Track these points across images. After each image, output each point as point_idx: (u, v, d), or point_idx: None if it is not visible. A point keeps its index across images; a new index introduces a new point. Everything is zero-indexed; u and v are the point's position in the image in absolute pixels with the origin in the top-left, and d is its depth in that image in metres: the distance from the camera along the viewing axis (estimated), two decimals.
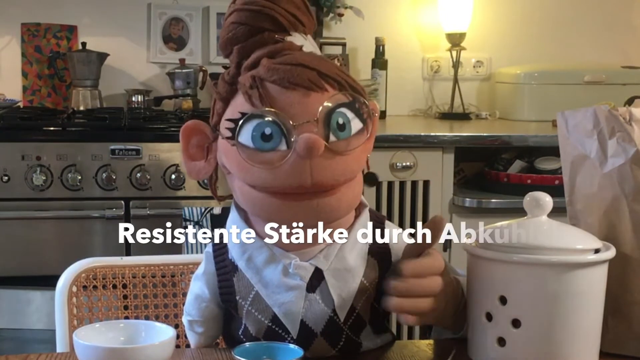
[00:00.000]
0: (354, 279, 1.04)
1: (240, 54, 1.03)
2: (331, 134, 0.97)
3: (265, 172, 0.97)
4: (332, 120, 0.97)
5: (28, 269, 2.53)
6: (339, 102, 0.98)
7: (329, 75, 0.99)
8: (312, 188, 0.96)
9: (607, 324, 1.03)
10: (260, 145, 0.96)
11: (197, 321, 1.13)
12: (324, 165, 0.96)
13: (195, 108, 3.05)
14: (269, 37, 1.02)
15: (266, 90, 0.97)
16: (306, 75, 0.97)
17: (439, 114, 3.28)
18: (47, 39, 3.13)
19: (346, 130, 0.98)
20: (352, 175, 1.00)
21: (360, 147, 1.00)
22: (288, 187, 0.97)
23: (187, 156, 1.07)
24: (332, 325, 1.04)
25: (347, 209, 1.03)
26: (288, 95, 0.97)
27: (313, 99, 0.97)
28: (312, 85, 0.97)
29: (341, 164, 0.98)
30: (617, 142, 1.05)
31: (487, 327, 0.99)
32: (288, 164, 0.95)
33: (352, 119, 0.99)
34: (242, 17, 1.02)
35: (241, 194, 1.02)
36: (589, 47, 3.44)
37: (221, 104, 1.03)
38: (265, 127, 0.96)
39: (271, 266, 1.03)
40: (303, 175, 0.95)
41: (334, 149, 0.97)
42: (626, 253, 1.04)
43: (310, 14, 1.07)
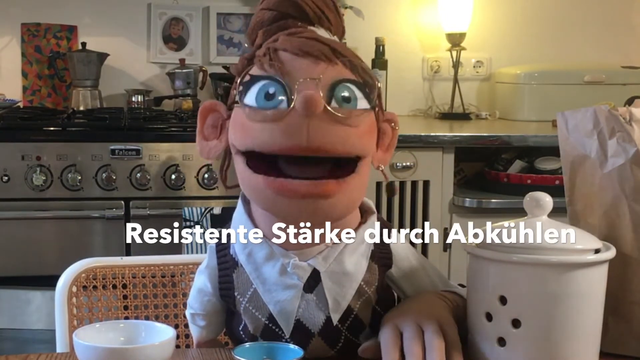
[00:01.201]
0: (351, 283, 1.04)
1: (264, 36, 1.04)
2: (334, 101, 0.96)
3: (264, 131, 0.96)
4: (337, 89, 0.97)
5: (28, 269, 2.53)
6: (348, 78, 0.98)
7: (342, 53, 0.99)
8: (308, 150, 0.95)
9: (607, 324, 1.03)
10: (263, 104, 0.96)
11: (199, 314, 1.13)
12: (322, 129, 0.94)
13: (195, 108, 3.04)
14: (292, 23, 1.03)
15: (277, 56, 0.98)
16: (318, 47, 0.98)
17: (439, 114, 3.28)
18: (47, 39, 3.13)
19: (351, 104, 0.97)
20: (351, 148, 0.98)
21: (365, 125, 0.99)
22: (284, 147, 0.95)
23: (202, 136, 1.07)
24: (329, 326, 1.04)
25: (341, 214, 1.01)
26: (297, 61, 0.97)
27: (321, 67, 0.97)
28: (322, 55, 0.97)
29: (341, 131, 0.96)
30: (617, 142, 1.05)
31: (487, 327, 0.99)
32: (286, 121, 0.95)
33: (359, 98, 0.98)
34: (271, 3, 1.04)
35: (242, 180, 1.02)
36: (589, 47, 3.44)
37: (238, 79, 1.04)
38: (269, 87, 0.97)
39: (270, 263, 1.03)
40: (299, 134, 0.94)
41: (334, 114, 0.95)
42: (626, 253, 1.04)
43: (338, 14, 1.07)
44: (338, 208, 0.99)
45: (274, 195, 0.97)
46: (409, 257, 1.10)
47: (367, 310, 1.06)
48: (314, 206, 0.97)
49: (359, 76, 0.99)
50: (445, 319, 1.01)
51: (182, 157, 2.54)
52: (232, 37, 3.20)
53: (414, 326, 0.99)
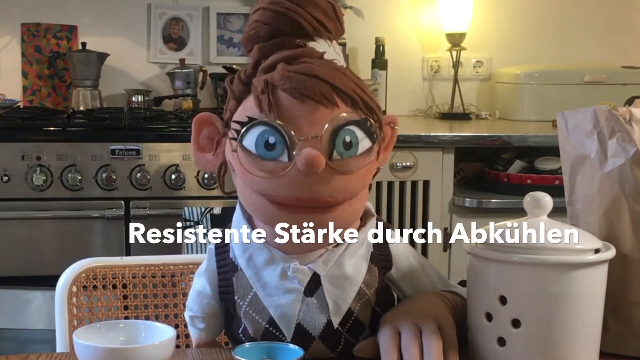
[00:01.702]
0: (352, 286, 1.04)
1: (259, 53, 1.01)
2: (335, 152, 0.95)
3: (264, 181, 0.96)
4: (338, 137, 0.95)
5: (28, 269, 2.53)
6: (349, 120, 0.96)
7: (343, 90, 0.97)
8: (310, 203, 0.95)
9: (607, 324, 1.03)
10: (263, 153, 0.96)
11: (199, 317, 1.13)
12: (323, 183, 0.95)
13: (195, 108, 3.05)
14: (289, 41, 1.00)
15: (277, 98, 0.96)
16: (318, 88, 0.95)
17: (439, 114, 3.28)
18: (47, 39, 3.13)
19: (352, 149, 0.96)
20: (352, 194, 0.98)
21: (365, 167, 0.99)
22: (286, 199, 0.96)
23: (197, 147, 1.07)
24: (329, 329, 1.04)
25: (345, 225, 1.01)
26: (298, 106, 0.95)
27: (322, 113, 0.95)
28: (323, 99, 0.95)
29: (342, 182, 0.96)
30: (617, 142, 1.05)
31: (487, 327, 0.99)
32: (288, 176, 0.95)
33: (362, 139, 0.97)
34: (266, 17, 1.01)
35: (242, 195, 1.02)
36: (589, 47, 3.44)
37: (234, 102, 1.03)
38: (269, 136, 0.95)
39: (270, 267, 1.03)
40: (301, 189, 0.95)
41: (335, 167, 0.95)
42: (626, 253, 1.04)
43: (338, 20, 1.04)
44: (342, 220, 1.00)
45: (278, 211, 0.97)
46: (409, 258, 1.10)
47: (367, 311, 1.06)
48: (318, 220, 0.97)
49: (360, 112, 0.98)
50: (443, 318, 1.01)
51: (182, 157, 2.54)
52: (232, 37, 3.20)
53: (412, 326, 0.99)
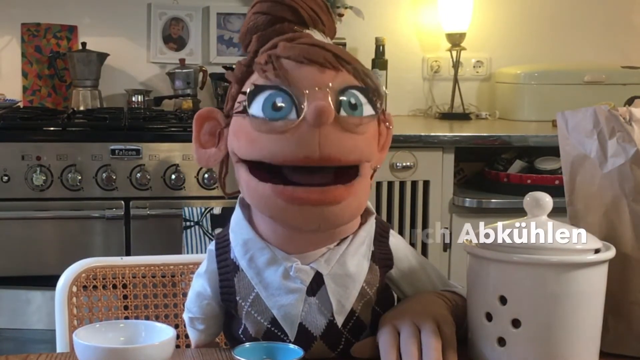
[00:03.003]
0: (354, 285, 1.04)
1: (259, 41, 1.03)
2: (342, 110, 0.96)
3: (273, 142, 0.96)
4: (344, 97, 0.96)
5: (28, 269, 2.53)
6: (353, 84, 0.98)
7: (345, 59, 0.99)
8: (320, 161, 0.95)
9: (607, 324, 1.03)
10: (271, 115, 0.95)
11: (198, 318, 1.13)
12: (332, 138, 0.95)
13: (195, 108, 3.05)
14: (288, 27, 1.03)
15: (280, 65, 0.97)
16: (322, 53, 0.97)
17: (439, 114, 3.28)
18: (47, 39, 3.13)
19: (358, 111, 0.97)
20: (360, 156, 0.98)
21: (371, 131, 0.99)
22: (295, 159, 0.95)
23: (199, 144, 1.06)
24: (331, 329, 1.04)
25: (350, 217, 1.02)
26: (302, 69, 0.96)
27: (327, 75, 0.97)
28: (327, 63, 0.97)
29: (350, 140, 0.96)
30: (617, 142, 1.05)
31: (487, 327, 0.99)
32: (297, 132, 0.94)
33: (365, 104, 0.98)
34: (264, 7, 1.03)
35: (247, 189, 1.01)
36: (589, 47, 3.44)
37: (236, 86, 1.03)
38: (276, 97, 0.96)
39: (272, 268, 1.03)
40: (311, 145, 0.94)
41: (344, 123, 0.95)
42: (626, 253, 1.04)
43: (331, 15, 1.07)
44: (347, 213, 1.00)
45: (285, 204, 0.97)
46: (409, 257, 1.10)
47: (368, 311, 1.06)
48: (325, 213, 0.97)
49: (362, 82, 0.99)
50: (442, 318, 1.01)
51: (182, 157, 2.54)
52: (232, 37, 3.20)
53: (411, 326, 0.99)
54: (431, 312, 1.02)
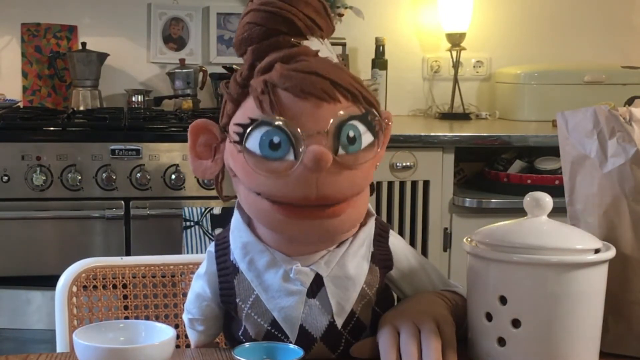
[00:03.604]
0: (354, 287, 1.04)
1: (254, 55, 1.00)
2: (340, 147, 0.95)
3: (270, 181, 0.95)
4: (342, 132, 0.95)
5: (28, 269, 2.53)
6: (351, 115, 0.96)
7: (343, 85, 0.97)
8: (317, 201, 0.95)
9: (607, 324, 1.03)
10: (268, 154, 0.94)
11: (198, 319, 1.13)
12: (330, 179, 0.94)
13: (195, 108, 3.05)
14: (284, 40, 1.00)
15: (278, 98, 0.95)
16: (319, 84, 0.95)
17: (439, 114, 3.28)
18: (47, 39, 3.13)
19: (356, 144, 0.96)
20: (359, 189, 0.98)
21: (369, 161, 0.99)
22: (293, 199, 0.95)
23: (194, 154, 1.05)
24: (331, 331, 1.04)
25: (350, 228, 1.02)
26: (300, 104, 0.95)
27: (325, 110, 0.95)
28: (325, 96, 0.95)
29: (349, 178, 0.96)
30: (617, 142, 1.05)
31: (487, 327, 0.99)
32: (294, 175, 0.93)
33: (364, 133, 0.97)
34: (258, 18, 1.00)
35: (246, 201, 1.01)
36: (589, 47, 3.44)
37: (231, 105, 1.01)
38: (274, 136, 0.94)
39: (272, 270, 1.03)
40: (309, 187, 0.94)
41: (342, 162, 0.95)
42: (626, 253, 1.04)
43: (329, 18, 1.04)
44: (346, 225, 1.00)
45: (283, 218, 0.97)
46: (408, 258, 1.10)
47: (368, 311, 1.06)
48: (324, 226, 0.97)
49: (361, 107, 0.98)
50: (442, 318, 1.01)
51: (182, 157, 2.54)
52: (232, 37, 3.20)
53: (411, 326, 0.99)
54: (431, 312, 1.02)
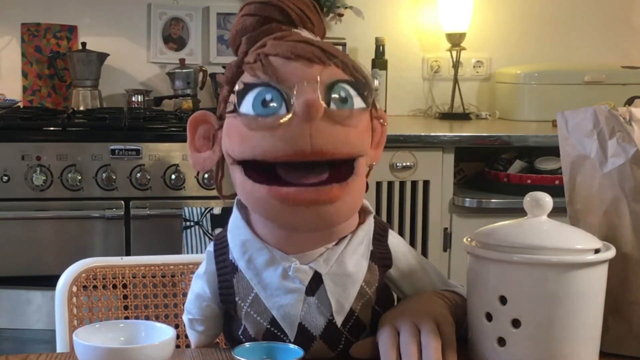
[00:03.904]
0: (354, 285, 1.04)
1: (248, 43, 1.03)
2: (332, 103, 0.96)
3: (265, 139, 0.95)
4: (333, 91, 0.96)
5: (28, 269, 2.53)
6: (342, 78, 0.98)
7: (333, 53, 0.99)
8: (312, 155, 0.95)
9: (607, 324, 1.03)
10: (261, 111, 0.96)
11: (198, 320, 1.13)
12: (324, 132, 0.94)
13: (195, 108, 3.05)
14: (276, 27, 1.03)
15: (269, 62, 0.97)
16: (309, 49, 0.98)
17: (439, 114, 3.28)
18: (47, 39, 3.13)
19: (348, 104, 0.97)
20: (352, 148, 0.98)
21: (363, 124, 0.99)
22: (288, 154, 0.95)
23: (194, 148, 1.06)
24: (331, 329, 1.04)
25: (346, 216, 1.02)
26: (290, 64, 0.97)
27: (315, 69, 0.96)
28: (314, 57, 0.97)
29: (342, 132, 0.96)
30: (617, 142, 1.05)
31: (487, 327, 0.99)
32: (288, 128, 0.94)
33: (355, 97, 0.98)
34: (252, 9, 1.04)
35: (243, 191, 1.01)
36: (589, 47, 3.44)
37: (227, 87, 1.03)
38: (265, 94, 0.96)
39: (271, 268, 1.03)
40: (302, 139, 0.94)
41: (334, 116, 0.95)
42: (626, 253, 1.04)
43: (319, 15, 1.07)
44: (343, 211, 1.00)
45: (279, 204, 0.97)
46: (408, 257, 1.10)
47: (368, 310, 1.06)
48: (320, 212, 0.97)
49: (352, 76, 0.99)
50: (442, 317, 1.01)
51: (182, 157, 2.54)
52: None
53: (411, 325, 0.99)
54: (431, 311, 1.02)
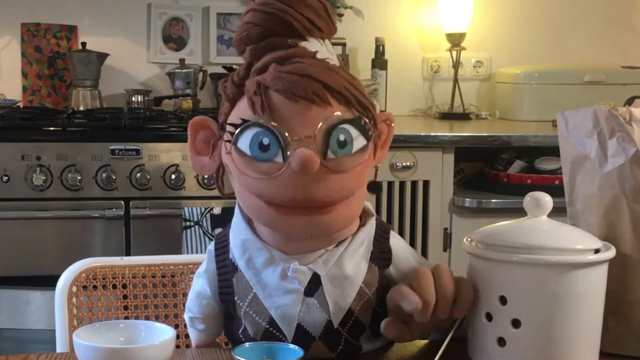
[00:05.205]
0: (352, 286, 1.04)
1: (252, 55, 1.01)
2: (330, 151, 0.95)
3: (260, 182, 0.96)
4: (332, 136, 0.95)
5: (28, 269, 2.53)
6: (342, 119, 0.96)
7: (335, 89, 0.97)
8: (304, 203, 0.96)
9: (607, 324, 1.03)
10: (257, 155, 0.96)
11: (198, 318, 1.13)
12: (318, 183, 0.95)
13: (195, 108, 3.05)
14: (281, 41, 1.00)
15: (269, 99, 0.96)
16: (311, 87, 0.95)
17: (439, 114, 3.28)
18: (47, 39, 3.13)
19: (347, 148, 0.96)
20: (348, 193, 0.98)
21: (360, 165, 0.99)
22: (281, 200, 0.96)
23: (194, 150, 1.07)
24: (330, 330, 1.04)
25: (343, 225, 1.02)
26: (290, 107, 0.95)
27: (315, 112, 0.95)
28: (316, 99, 0.95)
29: (337, 181, 0.96)
30: (617, 142, 1.05)
31: (487, 327, 0.99)
32: (282, 176, 0.95)
33: (356, 137, 0.97)
34: (257, 18, 1.01)
35: (240, 198, 1.02)
36: (589, 47, 3.44)
37: (228, 104, 1.03)
38: (263, 137, 0.95)
39: (270, 268, 1.03)
40: (296, 190, 0.95)
41: (330, 167, 0.95)
42: (626, 253, 1.04)
43: (330, 19, 1.04)
44: (340, 221, 1.00)
45: (276, 214, 0.97)
46: (409, 258, 1.10)
47: (368, 312, 1.06)
48: (316, 222, 0.98)
49: (354, 110, 0.98)
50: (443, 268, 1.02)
51: (182, 157, 2.54)
52: (232, 37, 3.20)
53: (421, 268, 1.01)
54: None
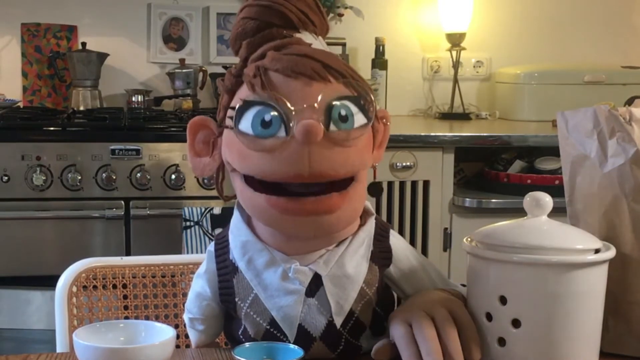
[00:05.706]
0: (353, 286, 1.04)
1: (248, 48, 1.02)
2: (332, 124, 0.95)
3: (263, 160, 0.95)
4: (333, 110, 0.95)
5: (28, 269, 2.53)
6: (343, 94, 0.97)
7: (334, 67, 0.98)
8: (310, 178, 0.95)
9: (607, 324, 1.03)
10: (260, 132, 0.95)
11: (198, 319, 1.13)
12: (322, 155, 0.94)
13: (195, 108, 3.05)
14: (277, 32, 1.01)
15: (269, 79, 0.96)
16: (310, 65, 0.96)
17: (439, 114, 3.28)
18: (47, 39, 3.13)
19: (348, 122, 0.96)
20: (352, 169, 0.98)
21: (363, 141, 0.99)
22: (286, 176, 0.95)
23: (193, 152, 1.06)
24: (330, 330, 1.04)
25: (345, 224, 1.02)
26: (290, 83, 0.95)
27: (315, 88, 0.95)
28: (315, 75, 0.96)
29: (341, 154, 0.96)
30: (617, 142, 1.05)
31: (487, 327, 0.99)
32: (286, 150, 0.94)
33: (356, 113, 0.97)
34: (252, 12, 1.02)
35: (242, 198, 1.02)
36: (589, 47, 3.45)
37: (227, 96, 1.03)
38: (264, 114, 0.95)
39: (271, 269, 1.03)
40: (301, 163, 0.94)
41: (333, 138, 0.95)
42: (626, 253, 1.04)
43: (322, 15, 1.05)
44: (342, 220, 1.00)
45: (279, 214, 0.97)
46: (409, 257, 1.10)
47: (368, 311, 1.06)
48: (319, 222, 0.97)
49: (353, 90, 0.98)
50: (450, 302, 1.01)
51: (182, 157, 2.54)
52: None
53: (423, 316, 0.98)
54: (438, 299, 1.02)
